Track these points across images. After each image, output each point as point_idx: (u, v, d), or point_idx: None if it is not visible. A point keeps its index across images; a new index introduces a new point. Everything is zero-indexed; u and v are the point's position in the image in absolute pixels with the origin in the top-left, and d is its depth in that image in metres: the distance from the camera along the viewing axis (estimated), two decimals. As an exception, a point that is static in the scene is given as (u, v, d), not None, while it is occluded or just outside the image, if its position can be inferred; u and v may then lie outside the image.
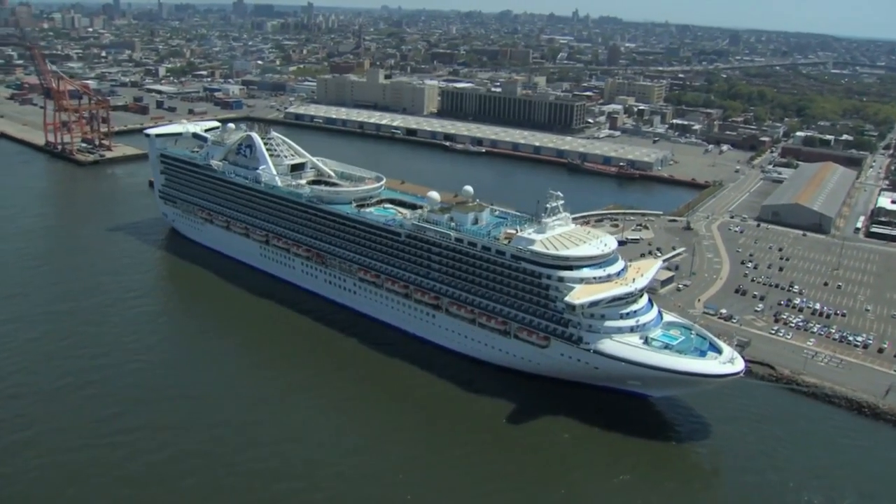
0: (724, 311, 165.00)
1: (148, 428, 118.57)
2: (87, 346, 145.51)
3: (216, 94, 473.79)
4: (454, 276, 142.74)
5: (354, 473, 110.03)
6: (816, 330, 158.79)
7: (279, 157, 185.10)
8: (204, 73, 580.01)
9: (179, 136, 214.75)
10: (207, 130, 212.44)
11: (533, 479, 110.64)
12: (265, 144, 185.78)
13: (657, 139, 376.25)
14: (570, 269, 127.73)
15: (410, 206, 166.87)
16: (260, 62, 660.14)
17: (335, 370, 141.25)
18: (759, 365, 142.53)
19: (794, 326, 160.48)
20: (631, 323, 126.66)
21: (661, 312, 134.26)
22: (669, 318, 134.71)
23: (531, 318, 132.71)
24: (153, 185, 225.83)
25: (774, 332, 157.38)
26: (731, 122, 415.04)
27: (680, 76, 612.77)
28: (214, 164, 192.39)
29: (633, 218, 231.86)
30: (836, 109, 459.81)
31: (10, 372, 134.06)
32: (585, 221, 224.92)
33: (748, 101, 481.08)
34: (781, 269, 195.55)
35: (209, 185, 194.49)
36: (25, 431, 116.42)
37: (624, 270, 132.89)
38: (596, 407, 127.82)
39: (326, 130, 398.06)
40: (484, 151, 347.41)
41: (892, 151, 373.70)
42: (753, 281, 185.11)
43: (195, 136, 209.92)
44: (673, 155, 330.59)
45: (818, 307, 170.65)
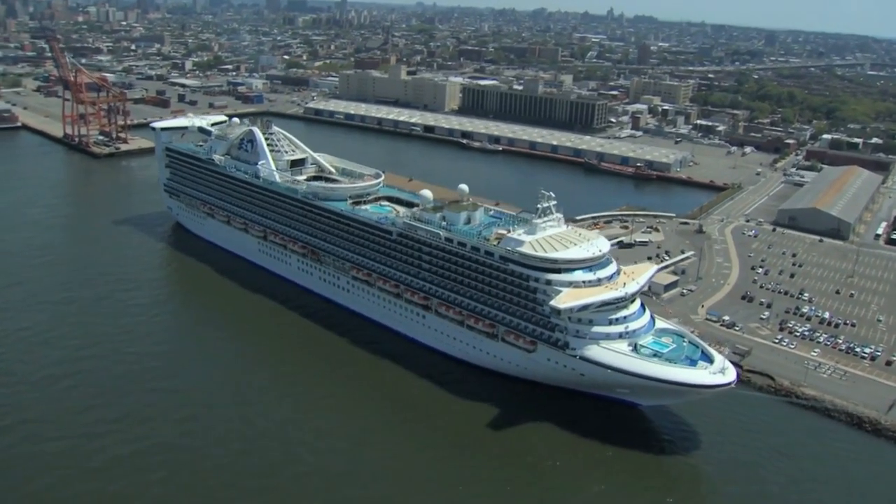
0: (726, 317, 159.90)
1: (126, 420, 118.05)
2: (76, 336, 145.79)
3: (239, 88, 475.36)
4: (444, 276, 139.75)
5: (330, 470, 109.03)
6: (822, 340, 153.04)
7: (279, 152, 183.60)
8: (229, 67, 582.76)
9: (186, 130, 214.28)
10: (214, 125, 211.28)
11: (509, 484, 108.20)
12: (266, 139, 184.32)
13: (679, 140, 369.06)
14: (558, 271, 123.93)
15: (408, 203, 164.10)
16: (286, 57, 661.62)
17: (322, 369, 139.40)
18: (757, 375, 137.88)
19: (799, 336, 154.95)
20: (620, 329, 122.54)
21: (653, 319, 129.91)
22: (662, 324, 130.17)
23: (518, 321, 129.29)
24: None
25: (778, 341, 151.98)
26: (756, 123, 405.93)
27: (709, 76, 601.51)
28: (216, 158, 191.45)
29: (642, 220, 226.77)
30: (868, 112, 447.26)
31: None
32: (594, 223, 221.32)
33: (777, 102, 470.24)
34: (793, 275, 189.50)
35: (211, 179, 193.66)
36: (2, 421, 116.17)
37: (616, 274, 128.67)
38: (582, 414, 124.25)
39: (345, 126, 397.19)
40: (500, 149, 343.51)
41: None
42: (762, 287, 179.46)
43: (200, 130, 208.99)
44: (693, 156, 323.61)
45: (827, 316, 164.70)
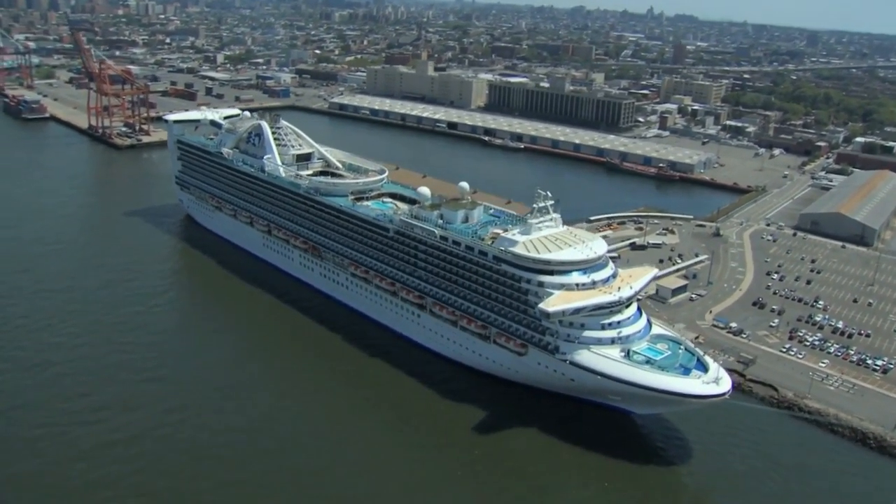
0: (734, 324, 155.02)
1: (113, 408, 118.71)
2: (74, 324, 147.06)
3: (267, 82, 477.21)
4: (439, 275, 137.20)
5: (310, 466, 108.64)
6: (833, 350, 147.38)
7: (286, 146, 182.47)
8: (260, 60, 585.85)
9: (198, 122, 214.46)
10: (227, 118, 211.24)
11: (489, 489, 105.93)
12: (273, 133, 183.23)
13: (707, 140, 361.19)
14: (550, 273, 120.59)
15: (411, 200, 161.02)
16: (318, 52, 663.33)
17: (313, 365, 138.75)
18: (760, 385, 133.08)
19: (809, 345, 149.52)
20: (612, 334, 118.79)
21: (650, 324, 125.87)
22: (659, 330, 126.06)
23: (510, 323, 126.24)
24: None
25: (786, 350, 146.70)
26: (788, 125, 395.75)
27: (745, 76, 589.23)
28: (225, 151, 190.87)
29: (657, 221, 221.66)
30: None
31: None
32: (608, 224, 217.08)
33: (812, 104, 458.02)
34: (809, 282, 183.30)
35: (218, 172, 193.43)
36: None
37: (612, 278, 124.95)
38: (572, 421, 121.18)
39: (369, 122, 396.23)
40: (522, 147, 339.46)
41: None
42: (775, 294, 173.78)
43: (212, 123, 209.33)
44: (718, 157, 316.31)
45: (841, 325, 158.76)
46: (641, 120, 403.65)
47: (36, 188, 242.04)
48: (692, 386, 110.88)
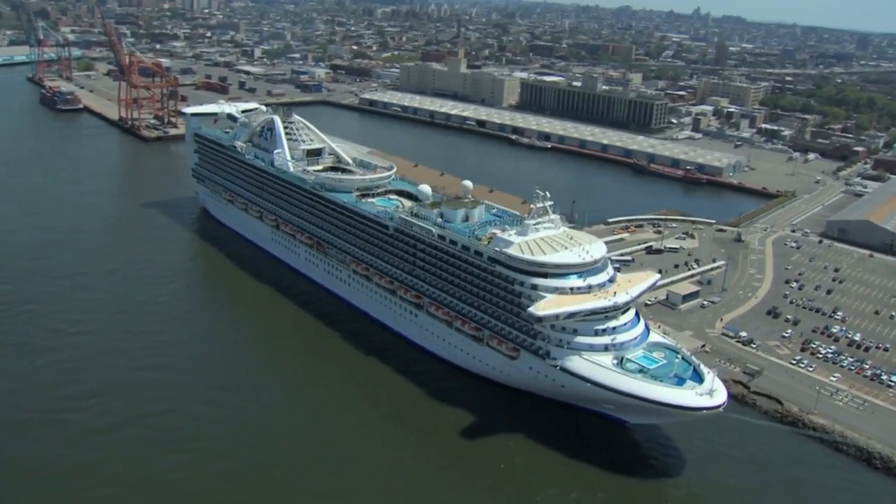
0: (744, 334, 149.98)
1: (103, 394, 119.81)
2: (77, 311, 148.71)
3: (301, 77, 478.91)
4: (436, 275, 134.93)
5: (293, 461, 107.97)
6: (847, 364, 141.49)
7: (296, 141, 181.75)
8: (297, 55, 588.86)
9: (216, 116, 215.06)
10: (244, 112, 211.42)
11: (469, 488, 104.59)
12: (285, 128, 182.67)
13: (740, 143, 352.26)
14: (544, 276, 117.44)
15: (417, 198, 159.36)
16: (355, 47, 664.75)
17: (309, 360, 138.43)
18: (764, 398, 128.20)
19: (821, 357, 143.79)
20: (605, 340, 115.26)
21: (647, 331, 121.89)
22: (656, 338, 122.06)
23: (502, 326, 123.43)
24: None
25: (796, 362, 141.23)
26: (827, 129, 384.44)
27: (787, 79, 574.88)
28: (238, 145, 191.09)
29: (675, 225, 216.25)
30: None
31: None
32: (625, 227, 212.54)
33: (854, 107, 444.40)
34: (830, 291, 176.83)
35: (231, 166, 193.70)
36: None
37: (609, 282, 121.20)
38: (564, 428, 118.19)
39: (398, 118, 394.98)
40: (549, 147, 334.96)
41: None
42: (792, 303, 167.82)
43: (229, 116, 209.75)
44: (749, 161, 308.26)
45: (858, 338, 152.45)
46: (675, 121, 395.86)
47: (61, 177, 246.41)
48: (684, 397, 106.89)
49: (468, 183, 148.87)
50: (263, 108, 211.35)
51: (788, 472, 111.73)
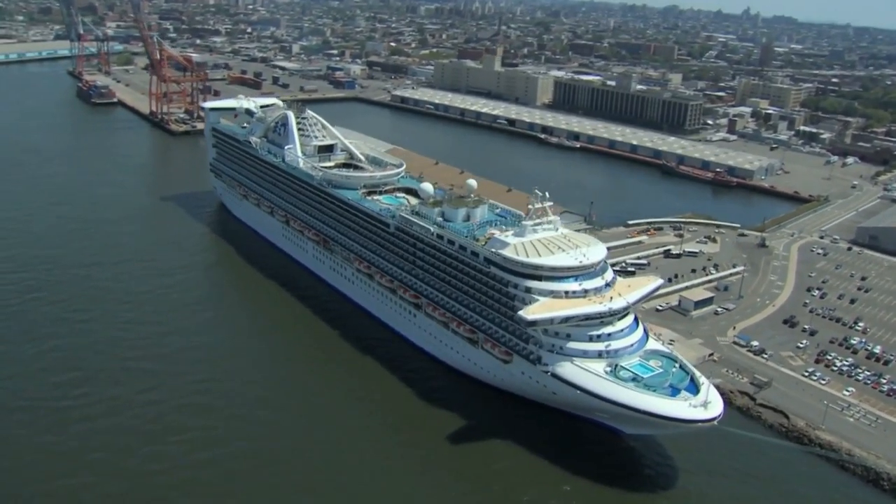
0: (755, 343, 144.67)
1: (98, 382, 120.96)
2: (86, 299, 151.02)
3: (336, 73, 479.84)
4: (434, 275, 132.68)
5: (279, 456, 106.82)
6: (863, 378, 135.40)
7: (308, 137, 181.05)
8: (335, 51, 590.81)
9: (235, 111, 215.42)
10: (263, 107, 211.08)
11: (450, 490, 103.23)
12: (298, 124, 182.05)
13: (776, 146, 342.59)
14: (539, 278, 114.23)
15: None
16: (393, 44, 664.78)
17: (306, 357, 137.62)
18: (770, 411, 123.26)
19: (836, 370, 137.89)
20: (599, 347, 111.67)
21: (646, 338, 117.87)
22: (654, 345, 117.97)
23: (496, 328, 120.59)
24: None
25: (808, 374, 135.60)
26: (869, 132, 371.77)
27: (833, 80, 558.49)
28: (253, 140, 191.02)
29: (696, 229, 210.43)
30: None
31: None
32: (645, 229, 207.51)
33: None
34: (854, 300, 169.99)
35: (245, 161, 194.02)
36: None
37: (608, 287, 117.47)
38: (556, 435, 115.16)
39: (430, 115, 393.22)
40: (578, 147, 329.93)
41: None
42: (812, 312, 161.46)
43: (247, 111, 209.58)
44: (783, 164, 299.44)
45: (878, 350, 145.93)
46: (710, 122, 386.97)
47: (89, 169, 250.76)
48: (677, 408, 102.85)
49: (473, 182, 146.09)
50: (281, 103, 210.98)
51: (785, 486, 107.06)
